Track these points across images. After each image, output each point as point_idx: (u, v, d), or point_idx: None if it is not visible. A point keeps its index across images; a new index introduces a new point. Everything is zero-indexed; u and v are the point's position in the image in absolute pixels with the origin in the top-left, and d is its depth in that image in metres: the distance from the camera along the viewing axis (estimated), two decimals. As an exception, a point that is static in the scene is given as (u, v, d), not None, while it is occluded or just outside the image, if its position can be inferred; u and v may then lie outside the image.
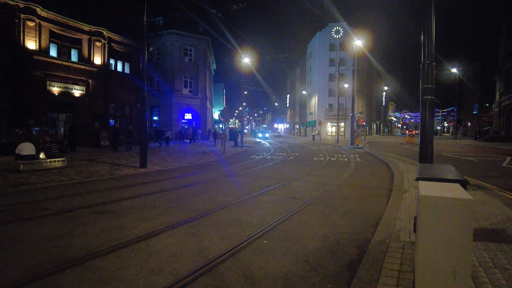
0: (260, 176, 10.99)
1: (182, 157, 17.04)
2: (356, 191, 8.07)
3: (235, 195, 7.50)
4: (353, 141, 28.58)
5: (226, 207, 6.31)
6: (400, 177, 9.80)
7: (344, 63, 58.91)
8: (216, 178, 10.29)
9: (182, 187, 8.59)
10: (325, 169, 12.80)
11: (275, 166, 13.99)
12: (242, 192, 7.87)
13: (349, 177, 10.63)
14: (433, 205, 2.26)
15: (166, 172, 11.76)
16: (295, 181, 9.78)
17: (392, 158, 16.01)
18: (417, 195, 2.51)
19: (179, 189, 8.35)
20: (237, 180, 9.89)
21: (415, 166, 12.41)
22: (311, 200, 7.00)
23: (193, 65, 36.45)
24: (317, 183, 9.45)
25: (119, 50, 24.83)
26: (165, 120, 35.01)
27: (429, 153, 7.70)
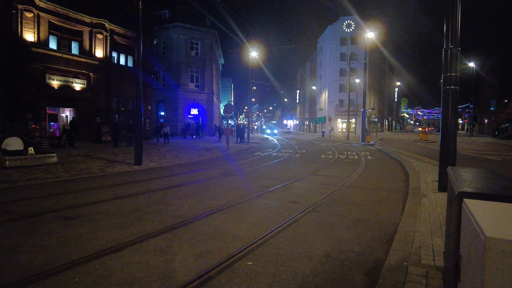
0: (261, 175, 10.09)
1: (183, 154, 16.26)
2: (366, 195, 7.10)
3: (228, 198, 6.62)
4: (364, 138, 27.38)
5: (213, 214, 5.44)
6: (416, 178, 8.76)
7: (355, 58, 57.26)
8: (213, 177, 9.44)
9: (171, 188, 7.76)
10: (333, 168, 11.82)
11: (279, 164, 13.07)
12: (236, 195, 6.98)
13: (359, 177, 9.64)
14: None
15: (160, 170, 10.98)
16: (299, 181, 8.85)
17: (405, 157, 14.89)
18: (472, 228, 1.35)
19: (167, 190, 7.52)
20: (235, 180, 9.02)
21: (431, 166, 11.31)
22: (314, 205, 6.07)
23: (200, 59, 35.61)
24: (323, 184, 8.50)
25: (121, 43, 24.15)
26: (170, 116, 34.35)
27: (451, 153, 6.69)
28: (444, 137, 6.73)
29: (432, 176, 9.07)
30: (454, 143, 6.66)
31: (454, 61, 6.55)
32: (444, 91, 6.71)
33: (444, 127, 6.73)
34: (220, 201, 6.39)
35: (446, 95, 6.67)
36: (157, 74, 35.53)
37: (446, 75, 6.65)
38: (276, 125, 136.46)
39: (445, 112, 6.70)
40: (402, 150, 19.17)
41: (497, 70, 48.64)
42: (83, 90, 21.26)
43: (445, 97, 6.69)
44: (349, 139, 34.39)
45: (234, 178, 9.33)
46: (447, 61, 6.62)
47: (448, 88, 6.64)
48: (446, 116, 6.68)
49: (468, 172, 2.60)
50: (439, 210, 5.51)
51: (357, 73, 53.89)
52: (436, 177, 8.69)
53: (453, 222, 1.84)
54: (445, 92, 6.69)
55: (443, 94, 6.73)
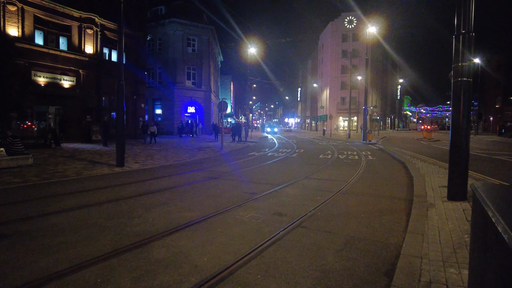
0: (250, 178, 9.19)
1: (173, 154, 15.39)
2: (364, 204, 6.18)
3: (203, 209, 5.73)
4: (365, 137, 26.41)
5: (178, 231, 4.55)
6: (421, 182, 7.83)
7: (357, 55, 56.15)
8: (196, 182, 8.55)
9: (144, 195, 6.87)
10: (330, 170, 10.89)
11: (273, 166, 12.17)
12: (215, 204, 6.09)
13: (358, 181, 8.72)
14: None
15: (142, 173, 10.11)
16: (290, 186, 7.94)
17: (409, 157, 13.94)
18: None
19: (139, 197, 6.64)
20: (219, 185, 8.12)
21: (438, 168, 10.36)
22: (302, 218, 5.16)
23: (197, 55, 34.68)
24: (316, 189, 7.59)
25: (113, 38, 23.27)
26: (167, 114, 33.50)
27: (463, 155, 5.75)
28: (455, 136, 5.79)
29: (439, 180, 8.13)
30: (466, 144, 5.73)
31: (467, 48, 5.61)
32: (455, 84, 5.77)
33: (455, 125, 5.80)
34: (193, 213, 5.50)
35: (457, 88, 5.73)
36: (153, 71, 34.70)
37: (458, 65, 5.71)
38: (277, 124, 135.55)
39: (456, 107, 5.76)
40: (405, 150, 18.20)
41: (503, 66, 47.42)
42: (72, 87, 20.42)
43: (456, 90, 5.76)
44: (350, 137, 33.41)
45: (219, 183, 8.44)
46: (459, 48, 5.68)
47: (459, 80, 5.70)
48: (458, 112, 5.74)
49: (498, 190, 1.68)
50: (450, 225, 4.59)
51: (359, 70, 52.76)
52: (444, 182, 7.77)
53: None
54: (456, 85, 5.75)
55: (454, 88, 5.80)
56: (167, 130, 32.46)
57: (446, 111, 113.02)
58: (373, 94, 59.31)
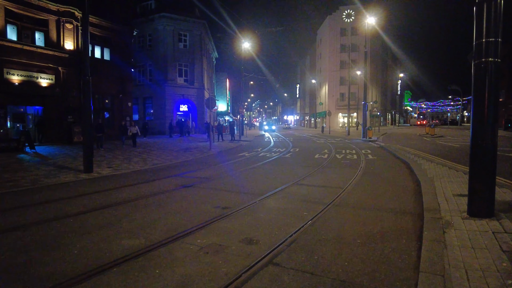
0: (230, 186, 7.88)
1: (155, 156, 14.08)
2: (361, 222, 4.88)
3: (152, 234, 4.44)
4: (365, 133, 25.07)
5: (99, 275, 3.24)
6: (430, 189, 6.51)
7: (356, 49, 54.67)
8: (163, 192, 7.24)
9: (88, 212, 5.58)
10: (324, 173, 9.59)
11: (261, 169, 10.87)
12: (171, 226, 4.80)
13: (355, 188, 7.41)
14: None
15: (108, 180, 8.82)
16: (274, 196, 6.63)
17: (413, 156, 12.62)
18: None
19: (77, 216, 5.34)
20: (188, 196, 6.81)
21: (448, 170, 9.04)
22: (279, 247, 3.86)
23: (188, 51, 33.28)
24: (305, 200, 6.29)
25: (96, 33, 21.90)
26: (158, 112, 32.17)
27: (490, 159, 4.46)
28: (478, 134, 4.48)
29: (452, 186, 6.81)
30: (493, 144, 4.42)
31: (495, 19, 4.28)
32: (477, 66, 4.45)
33: (478, 120, 4.48)
34: (136, 240, 4.20)
35: (481, 72, 4.40)
36: (143, 69, 33.37)
37: (481, 41, 4.39)
38: (276, 121, 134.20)
39: (479, 97, 4.44)
40: (408, 147, 16.88)
41: (507, 57, 45.91)
42: (51, 86, 19.10)
43: (478, 75, 4.43)
44: (349, 134, 32.08)
45: (191, 192, 7.13)
46: (482, 19, 4.35)
47: (483, 61, 4.37)
48: (481, 103, 4.42)
49: None
50: (481, 260, 3.28)
51: (358, 64, 51.35)
52: (459, 188, 6.45)
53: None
54: (479, 67, 4.43)
55: (476, 71, 4.47)
56: (159, 129, 31.14)
57: (447, 106, 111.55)
58: (373, 89, 57.88)
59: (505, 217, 4.49)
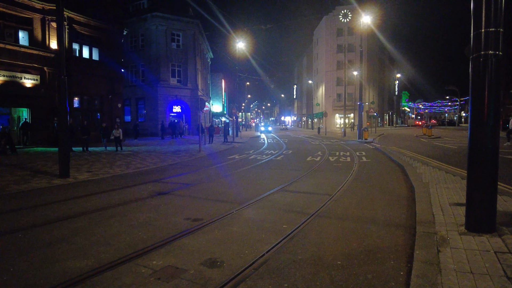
0: (209, 193, 7.31)
1: (139, 160, 13.49)
2: (345, 237, 4.32)
3: (106, 253, 3.86)
4: (361, 135, 24.54)
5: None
6: (425, 197, 5.96)
7: (353, 49, 54.21)
8: (132, 202, 6.65)
9: (44, 225, 4.99)
10: (314, 178, 9.03)
11: (248, 173, 10.30)
12: (129, 242, 4.23)
13: (344, 195, 6.85)
14: None
15: (82, 186, 8.23)
16: (255, 205, 6.07)
17: (408, 158, 12.08)
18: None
19: (30, 230, 4.76)
20: (160, 206, 6.23)
21: (444, 174, 8.50)
22: (243, 273, 3.29)
23: (182, 51, 32.68)
24: (287, 210, 5.72)
25: (84, 33, 21.30)
26: (151, 114, 31.54)
27: (490, 165, 3.93)
28: (477, 136, 3.94)
29: (448, 193, 6.26)
30: (494, 148, 3.87)
31: (495, 5, 3.74)
32: (476, 60, 3.90)
33: (476, 120, 3.93)
34: (85, 261, 3.62)
35: (480, 67, 3.86)
36: (136, 69, 32.78)
37: (480, 32, 3.85)
38: (274, 122, 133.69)
39: (478, 95, 3.90)
40: (404, 149, 16.35)
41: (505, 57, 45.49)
42: (36, 87, 18.47)
43: (477, 70, 3.89)
44: (345, 135, 31.57)
45: (164, 201, 6.55)
46: (481, 6, 3.81)
47: (482, 54, 3.83)
48: (481, 101, 3.87)
49: None
50: (481, 286, 2.72)
51: (355, 65, 50.87)
52: (455, 195, 5.90)
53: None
54: (477, 61, 3.88)
55: (474, 66, 3.93)
56: (151, 131, 30.52)
57: (444, 106, 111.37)
58: (370, 90, 57.44)
59: (508, 232, 3.93)
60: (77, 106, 21.56)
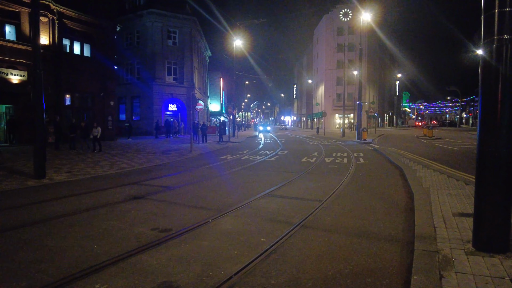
0: (188, 198, 6.67)
1: (126, 160, 12.85)
2: (330, 256, 3.69)
3: (44, 272, 3.25)
4: (360, 135, 23.90)
5: None
6: (425, 206, 5.33)
7: (353, 49, 53.48)
8: (103, 206, 6.02)
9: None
10: (306, 181, 8.40)
11: (237, 175, 9.68)
12: (78, 257, 3.60)
13: (335, 201, 6.22)
14: None
15: (55, 189, 7.62)
16: (235, 212, 5.45)
17: (408, 160, 11.44)
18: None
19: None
20: (131, 211, 5.61)
21: (446, 178, 7.86)
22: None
23: (178, 49, 32.01)
24: (270, 219, 5.10)
25: (75, 28, 20.67)
26: (146, 112, 30.90)
27: (503, 172, 3.27)
28: (488, 138, 3.31)
29: (451, 200, 5.62)
30: (510, 150, 3.23)
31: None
32: (487, 46, 3.27)
33: (487, 120, 3.30)
34: (9, 286, 2.99)
35: (493, 55, 3.23)
36: (131, 67, 32.15)
37: (492, 12, 3.21)
38: (274, 122, 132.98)
39: (491, 88, 3.27)
40: (404, 150, 15.71)
41: (506, 58, 44.79)
42: (23, 83, 17.83)
43: (489, 58, 3.26)
44: (344, 136, 30.93)
45: (135, 207, 5.91)
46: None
47: (496, 39, 3.20)
48: (493, 97, 3.24)
49: None
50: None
51: (355, 64, 50.18)
52: (460, 204, 5.26)
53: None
54: (489, 48, 3.25)
55: (485, 54, 3.30)
56: (146, 130, 29.87)
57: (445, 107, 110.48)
58: (370, 90, 56.74)
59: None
60: (68, 104, 20.95)
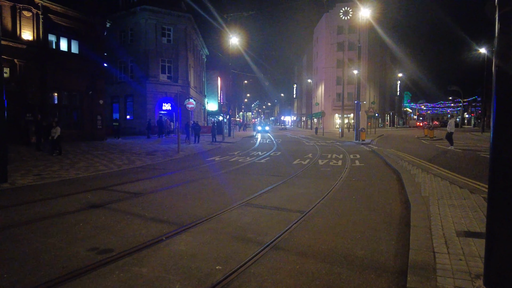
0: (150, 208, 5.85)
1: (108, 161, 12.04)
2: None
3: None
4: (358, 135, 23.04)
5: None
6: (423, 218, 4.49)
7: (353, 48, 52.49)
8: (52, 216, 5.21)
9: None
10: (292, 187, 7.56)
11: (219, 179, 8.86)
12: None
13: (320, 212, 5.39)
14: None
15: (11, 194, 6.82)
16: (196, 228, 4.63)
17: (406, 163, 10.59)
18: None
19: None
20: (77, 225, 4.79)
21: (448, 185, 7.01)
22: None
23: (172, 47, 31.22)
24: (235, 238, 4.27)
25: (62, 23, 19.89)
26: (139, 111, 30.13)
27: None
28: (502, 143, 2.47)
29: (455, 213, 4.78)
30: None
31: None
32: (505, 18, 2.44)
33: (503, 121, 2.46)
34: None
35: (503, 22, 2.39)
36: (125, 65, 31.39)
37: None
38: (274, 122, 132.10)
39: (508, 73, 2.43)
40: (403, 152, 14.85)
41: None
42: (5, 80, 17.05)
43: (507, 33, 2.42)
44: (343, 136, 30.09)
45: (86, 218, 5.09)
46: None
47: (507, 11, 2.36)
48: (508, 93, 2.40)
49: None
50: None
51: (355, 63, 49.29)
52: (464, 218, 4.40)
53: None
54: (507, 20, 2.41)
55: (501, 28, 2.46)
56: (139, 129, 29.10)
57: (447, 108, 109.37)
58: (371, 89, 55.84)
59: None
60: (55, 102, 20.20)
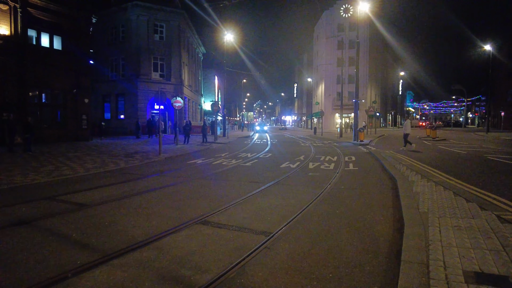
0: (84, 226, 4.77)
1: (81, 163, 10.97)
2: None
3: None
4: (356, 136, 21.89)
5: None
6: (419, 247, 3.37)
7: (354, 46, 51.21)
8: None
9: None
10: (267, 197, 6.46)
11: (186, 188, 7.78)
12: None
13: (288, 235, 4.28)
14: None
15: None
16: (119, 260, 3.55)
17: (405, 168, 9.45)
18: None
19: None
20: None
21: (452, 196, 5.87)
22: None
23: (165, 44, 30.18)
24: (162, 277, 3.18)
25: (42, 18, 18.87)
26: (130, 111, 29.11)
27: None
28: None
29: (461, 239, 3.66)
30: None
31: None
32: None
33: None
34: None
35: None
36: (116, 63, 30.39)
37: None
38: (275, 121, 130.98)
39: None
40: (402, 154, 13.71)
41: None
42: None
43: None
44: (342, 136, 28.94)
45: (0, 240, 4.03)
46: None
47: None
48: None
49: None
50: None
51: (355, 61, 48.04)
52: (473, 247, 3.24)
53: None
54: None
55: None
56: (130, 129, 28.05)
57: (450, 107, 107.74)
58: (372, 89, 54.60)
59: None
60: (36, 101, 19.21)
